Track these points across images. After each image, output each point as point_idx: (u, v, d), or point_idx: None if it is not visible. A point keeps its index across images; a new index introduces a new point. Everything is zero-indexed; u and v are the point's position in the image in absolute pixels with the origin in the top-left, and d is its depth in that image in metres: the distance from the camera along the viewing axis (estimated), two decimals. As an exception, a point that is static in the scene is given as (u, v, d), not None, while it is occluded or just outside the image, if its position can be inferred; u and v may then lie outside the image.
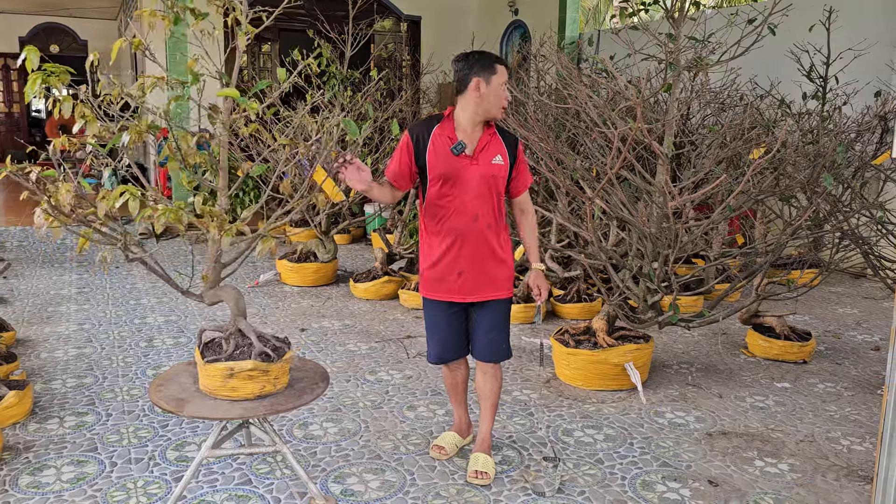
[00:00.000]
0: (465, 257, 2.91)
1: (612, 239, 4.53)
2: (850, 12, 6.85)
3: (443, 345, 3.07)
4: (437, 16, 12.46)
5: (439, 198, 2.90)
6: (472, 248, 2.91)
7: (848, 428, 3.57)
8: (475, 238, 2.90)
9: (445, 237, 2.91)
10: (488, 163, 2.90)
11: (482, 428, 3.16)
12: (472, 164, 2.88)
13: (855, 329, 5.33)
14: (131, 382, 4.00)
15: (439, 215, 2.91)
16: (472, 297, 2.96)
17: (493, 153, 2.92)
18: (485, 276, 2.94)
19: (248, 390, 2.56)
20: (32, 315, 5.31)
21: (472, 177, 2.87)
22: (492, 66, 2.84)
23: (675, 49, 3.90)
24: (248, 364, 2.54)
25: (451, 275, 2.93)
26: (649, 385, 4.08)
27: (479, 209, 2.89)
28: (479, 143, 2.90)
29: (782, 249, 4.12)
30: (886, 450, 2.28)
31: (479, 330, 3.03)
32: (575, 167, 3.91)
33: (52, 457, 3.12)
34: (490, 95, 2.84)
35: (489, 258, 2.94)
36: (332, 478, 3.00)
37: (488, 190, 2.90)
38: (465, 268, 2.92)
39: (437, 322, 3.05)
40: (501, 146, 2.94)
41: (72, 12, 16.47)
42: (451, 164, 2.86)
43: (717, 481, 3.02)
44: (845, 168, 4.49)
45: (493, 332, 3.02)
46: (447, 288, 2.96)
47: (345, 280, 6.54)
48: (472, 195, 2.87)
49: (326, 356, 4.50)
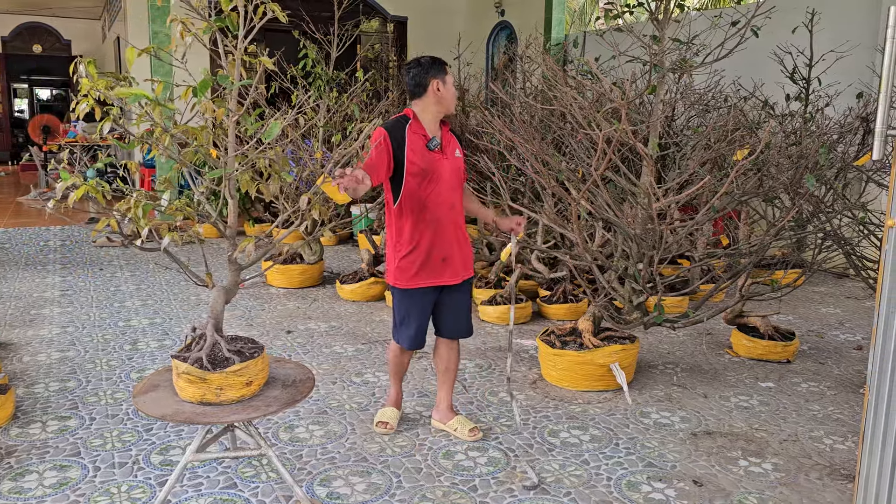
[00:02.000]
0: (447, 243, 3.19)
1: (598, 240, 4.55)
2: (833, 15, 6.92)
3: (420, 331, 3.31)
4: (423, 16, 12.46)
5: (420, 191, 3.13)
6: (452, 234, 3.21)
7: (831, 427, 3.61)
8: (452, 225, 3.21)
9: (428, 227, 3.15)
10: (453, 156, 3.24)
11: (444, 397, 3.48)
12: (443, 158, 3.19)
13: (838, 328, 5.38)
14: (115, 386, 3.97)
15: (420, 207, 3.13)
16: (456, 278, 3.25)
17: (454, 147, 3.26)
18: (462, 258, 3.27)
19: (188, 394, 2.50)
20: (15, 318, 5.26)
21: (445, 170, 3.18)
22: (444, 69, 3.17)
23: (659, 51, 3.92)
24: (182, 366, 2.48)
25: (435, 261, 3.18)
26: (635, 385, 4.10)
27: (454, 198, 3.22)
28: (443, 140, 3.22)
29: (766, 250, 4.15)
30: (868, 448, 2.30)
31: (454, 309, 3.33)
32: (560, 168, 3.92)
33: (34, 462, 3.09)
34: (447, 94, 3.16)
35: (463, 241, 3.30)
36: (318, 481, 2.99)
37: (458, 180, 3.25)
38: (448, 253, 3.20)
39: (416, 310, 3.26)
40: (456, 141, 3.30)
41: (55, 12, 16.33)
42: (428, 159, 3.14)
43: (701, 481, 3.04)
44: (828, 169, 4.52)
45: (465, 310, 3.37)
46: (430, 274, 3.20)
47: (331, 281, 6.52)
48: (446, 186, 3.18)
49: (313, 358, 4.49)
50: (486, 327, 5.22)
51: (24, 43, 17.14)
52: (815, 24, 6.36)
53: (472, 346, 4.77)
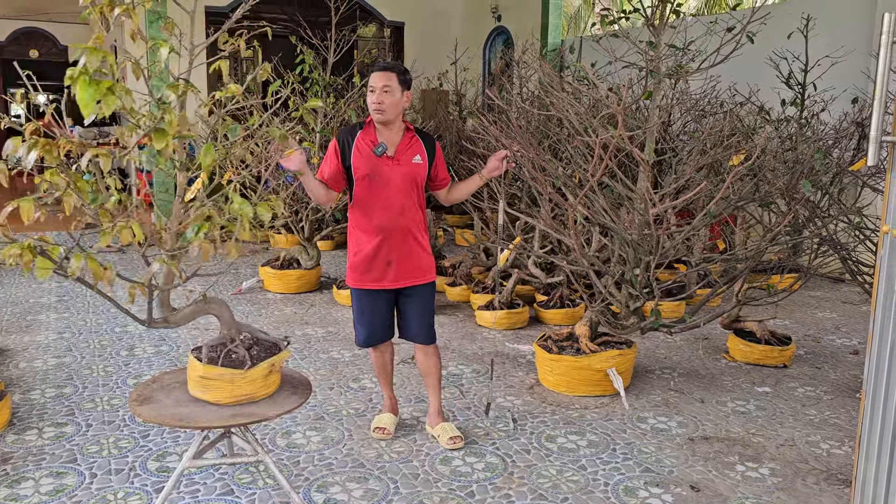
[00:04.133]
0: (393, 248, 3.23)
1: (595, 245, 4.56)
2: (828, 20, 6.94)
3: (370, 329, 3.38)
4: (420, 21, 12.48)
5: (367, 195, 3.22)
6: (399, 240, 3.24)
7: (827, 432, 3.61)
8: (401, 230, 3.24)
9: (374, 231, 3.22)
10: (410, 162, 3.26)
11: (433, 402, 3.50)
12: (394, 164, 3.23)
13: (834, 333, 5.39)
14: (112, 392, 3.96)
15: (368, 212, 3.23)
16: (399, 283, 3.28)
17: (415, 153, 3.28)
18: (410, 265, 3.28)
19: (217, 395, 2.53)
20: (11, 324, 5.24)
21: (395, 175, 3.21)
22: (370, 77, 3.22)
23: (655, 56, 3.93)
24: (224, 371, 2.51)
25: (379, 264, 3.24)
26: (632, 390, 4.10)
27: (404, 204, 3.23)
28: (400, 145, 3.25)
29: (761, 255, 4.16)
30: (864, 453, 2.31)
31: (411, 315, 3.37)
32: (557, 174, 3.93)
33: (30, 468, 3.09)
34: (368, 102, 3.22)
35: (415, 248, 3.29)
36: (315, 487, 2.98)
37: (410, 186, 3.25)
38: (394, 258, 3.24)
39: (367, 310, 3.35)
40: (421, 147, 3.31)
41: (52, 17, 16.32)
42: (373, 164, 3.20)
43: (698, 486, 3.04)
44: (823, 174, 4.54)
45: (424, 315, 3.37)
46: (375, 277, 3.27)
47: (328, 287, 6.52)
48: (395, 191, 3.21)
49: (310, 364, 4.49)
50: (482, 332, 5.22)
51: (20, 48, 17.14)
52: (811, 30, 6.38)
53: (469, 351, 4.78)
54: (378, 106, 3.16)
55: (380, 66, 3.21)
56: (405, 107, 3.26)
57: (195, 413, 2.52)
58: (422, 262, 3.32)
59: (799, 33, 6.36)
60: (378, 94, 3.16)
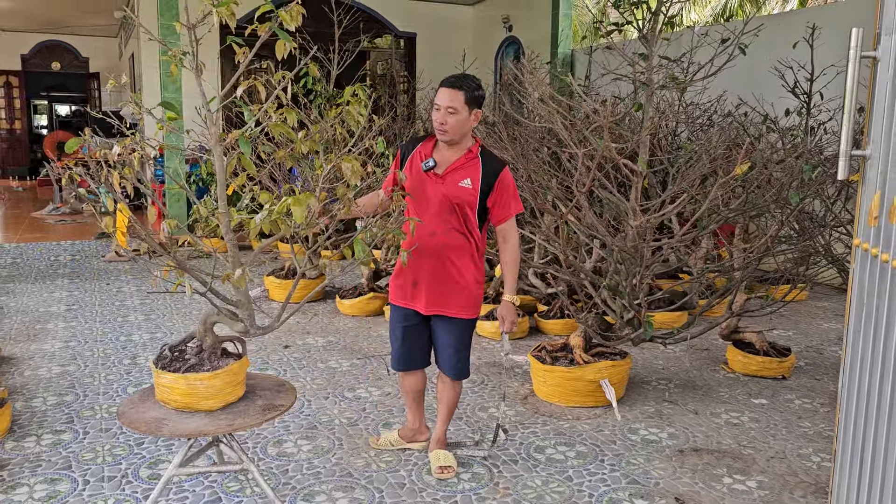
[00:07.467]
0: (420, 268, 3.06)
1: (595, 256, 4.57)
2: (833, 29, 6.90)
3: (401, 352, 3.25)
4: (432, 32, 12.58)
5: (411, 209, 3.05)
6: (429, 263, 3.05)
7: (820, 444, 3.59)
8: (432, 254, 3.03)
9: (410, 247, 3.03)
10: (455, 184, 3.01)
11: (439, 428, 3.35)
12: (437, 182, 3.02)
13: (836, 344, 5.34)
14: (111, 400, 4.03)
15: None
16: (427, 309, 3.11)
17: (464, 176, 3.01)
18: (438, 293, 3.08)
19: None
20: (20, 333, 5.36)
21: (435, 195, 3.02)
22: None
23: (647, 68, 3.95)
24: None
25: (408, 283, 3.12)
26: (627, 401, 4.10)
27: (438, 227, 3.01)
28: (451, 164, 3.02)
29: (757, 266, 4.15)
30: (839, 464, 2.30)
31: (438, 343, 3.21)
32: (549, 186, 3.96)
33: (26, 475, 3.16)
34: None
35: (445, 278, 3.06)
36: (301, 496, 3.02)
37: (450, 210, 3.01)
38: (420, 279, 3.08)
39: (398, 327, 3.23)
40: (476, 171, 3.01)
41: (73, 30, 16.67)
42: (418, 179, 3.04)
43: (683, 498, 3.04)
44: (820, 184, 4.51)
45: (449, 350, 3.18)
46: (404, 295, 3.15)
47: (332, 296, 6.58)
48: (431, 212, 3.02)
49: (307, 373, 4.53)
50: (481, 342, 5.24)
51: (43, 60, 17.51)
52: (816, 39, 6.35)
53: (466, 361, 4.80)
54: (441, 126, 2.95)
55: (447, 82, 2.95)
56: (474, 126, 3.02)
57: (170, 420, 2.56)
58: (452, 295, 3.05)
59: (804, 42, 6.33)
60: (443, 113, 2.93)
